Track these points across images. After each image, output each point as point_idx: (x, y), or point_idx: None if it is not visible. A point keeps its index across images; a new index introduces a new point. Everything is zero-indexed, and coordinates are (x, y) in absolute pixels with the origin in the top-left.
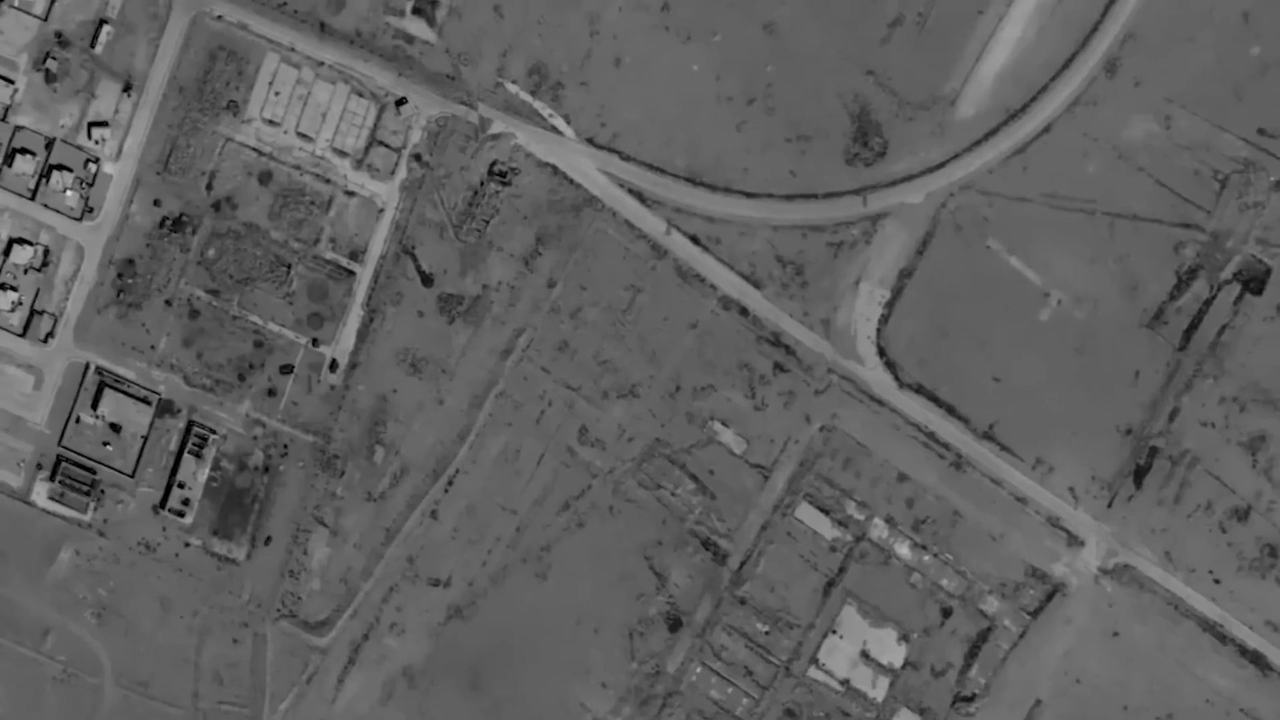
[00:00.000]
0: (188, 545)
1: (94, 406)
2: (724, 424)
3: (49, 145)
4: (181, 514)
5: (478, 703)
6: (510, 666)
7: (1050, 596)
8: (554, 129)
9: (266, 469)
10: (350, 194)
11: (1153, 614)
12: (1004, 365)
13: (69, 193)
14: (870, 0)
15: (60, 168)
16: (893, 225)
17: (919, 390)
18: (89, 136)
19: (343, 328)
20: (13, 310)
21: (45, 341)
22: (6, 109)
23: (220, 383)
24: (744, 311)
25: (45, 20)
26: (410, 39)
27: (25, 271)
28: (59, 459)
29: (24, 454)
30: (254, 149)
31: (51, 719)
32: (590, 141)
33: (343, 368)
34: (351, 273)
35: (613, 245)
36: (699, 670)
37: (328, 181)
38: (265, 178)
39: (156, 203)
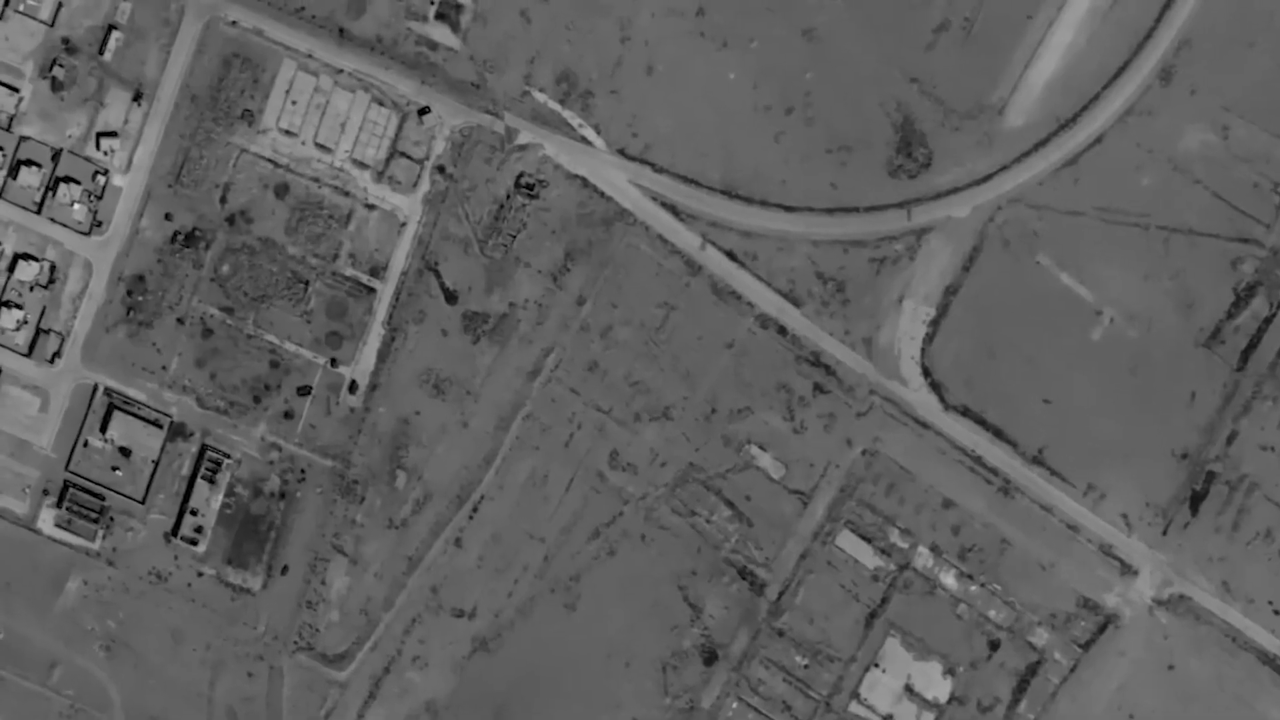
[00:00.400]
0: (201, 575)
1: (103, 430)
2: (761, 448)
3: (56, 156)
4: (194, 542)
5: None
6: (538, 701)
7: (1103, 628)
8: (583, 139)
9: (283, 495)
10: (370, 207)
11: (1210, 646)
12: (1054, 386)
13: (76, 206)
14: (914, 5)
15: (67, 180)
16: (938, 240)
17: (965, 413)
18: (97, 147)
19: (363, 347)
20: (18, 329)
21: (52, 362)
22: (11, 118)
23: (235, 405)
24: (782, 330)
25: (52, 26)
26: (433, 45)
27: (31, 288)
28: (66, 484)
29: (29, 479)
30: (270, 160)
31: None
32: (621, 152)
33: (363, 389)
34: (372, 290)
35: (645, 261)
36: (735, 705)
37: (347, 194)
38: (282, 190)
39: (168, 216)
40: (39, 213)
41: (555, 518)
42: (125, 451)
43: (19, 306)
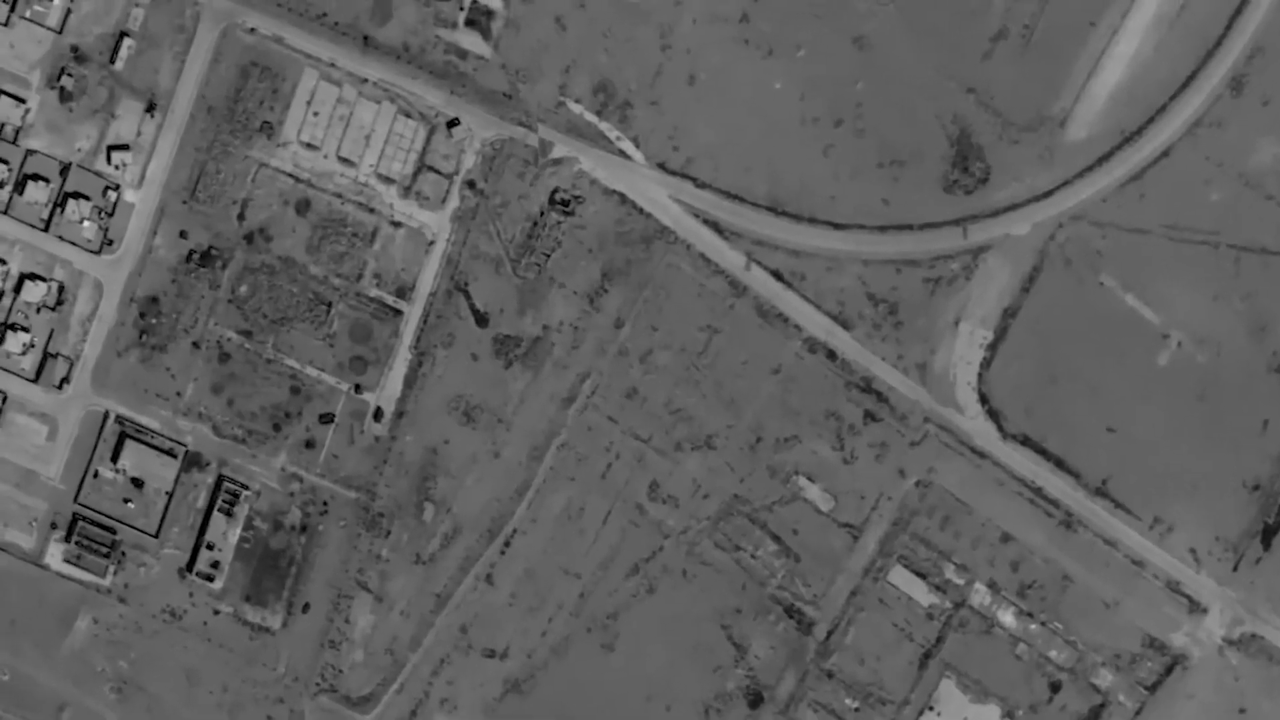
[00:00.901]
0: (217, 613)
1: (114, 459)
2: (809, 479)
3: (64, 171)
4: (210, 578)
5: None
6: None
7: (1170, 669)
8: (621, 153)
9: (304, 529)
10: (397, 225)
11: None
12: (1119, 414)
13: (86, 223)
14: (971, 11)
15: (77, 196)
16: (996, 259)
17: (1025, 442)
18: (108, 161)
19: (388, 373)
20: (24, 353)
21: (60, 388)
22: (18, 131)
23: (253, 433)
24: (831, 354)
25: (60, 33)
26: (463, 54)
27: (38, 310)
28: (75, 517)
29: (36, 512)
30: (290, 175)
31: None
32: (661, 167)
33: (388, 417)
34: (398, 312)
35: (686, 281)
36: None
37: (372, 211)
38: (303, 207)
39: (183, 234)
40: (47, 230)
41: (592, 553)
42: (138, 482)
43: (25, 329)
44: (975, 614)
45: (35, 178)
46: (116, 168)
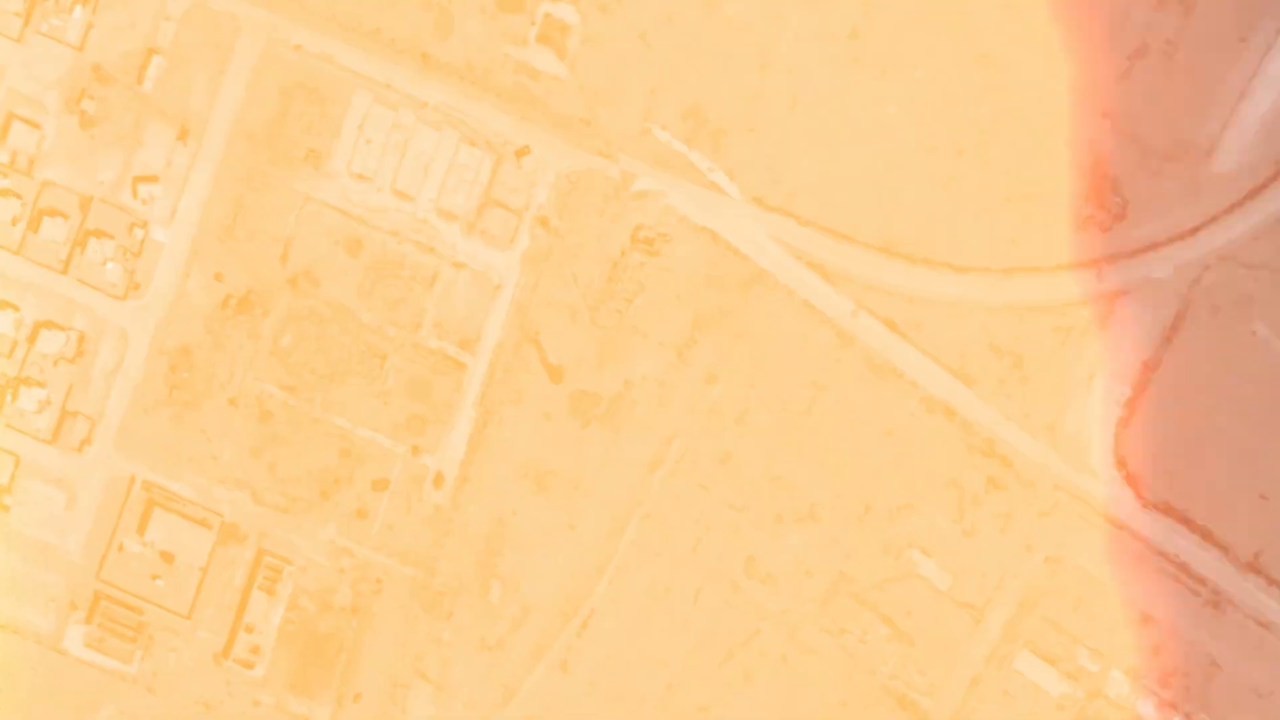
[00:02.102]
0: (258, 704)
1: (140, 531)
2: (925, 554)
3: (85, 206)
4: (250, 665)
5: None
6: None
7: None
8: (714, 186)
9: (355, 609)
10: (460, 267)
11: None
12: (1273, 480)
13: (110, 265)
14: (1107, 26)
15: (99, 234)
16: (1134, 306)
17: (1167, 511)
18: (135, 195)
19: (450, 433)
20: (39, 411)
21: (80, 450)
22: (32, 160)
23: (298, 501)
24: (951, 414)
25: (80, 50)
26: (535, 74)
27: (55, 363)
28: (97, 596)
29: (53, 590)
30: (340, 210)
31: None
32: (759, 202)
33: (450, 483)
34: (461, 365)
35: (787, 332)
36: None
37: (431, 251)
38: (354, 247)
39: (219, 277)
40: (65, 273)
41: (680, 637)
42: (167, 557)
43: (41, 385)
44: (1112, 705)
45: (52, 213)
46: (144, 202)
